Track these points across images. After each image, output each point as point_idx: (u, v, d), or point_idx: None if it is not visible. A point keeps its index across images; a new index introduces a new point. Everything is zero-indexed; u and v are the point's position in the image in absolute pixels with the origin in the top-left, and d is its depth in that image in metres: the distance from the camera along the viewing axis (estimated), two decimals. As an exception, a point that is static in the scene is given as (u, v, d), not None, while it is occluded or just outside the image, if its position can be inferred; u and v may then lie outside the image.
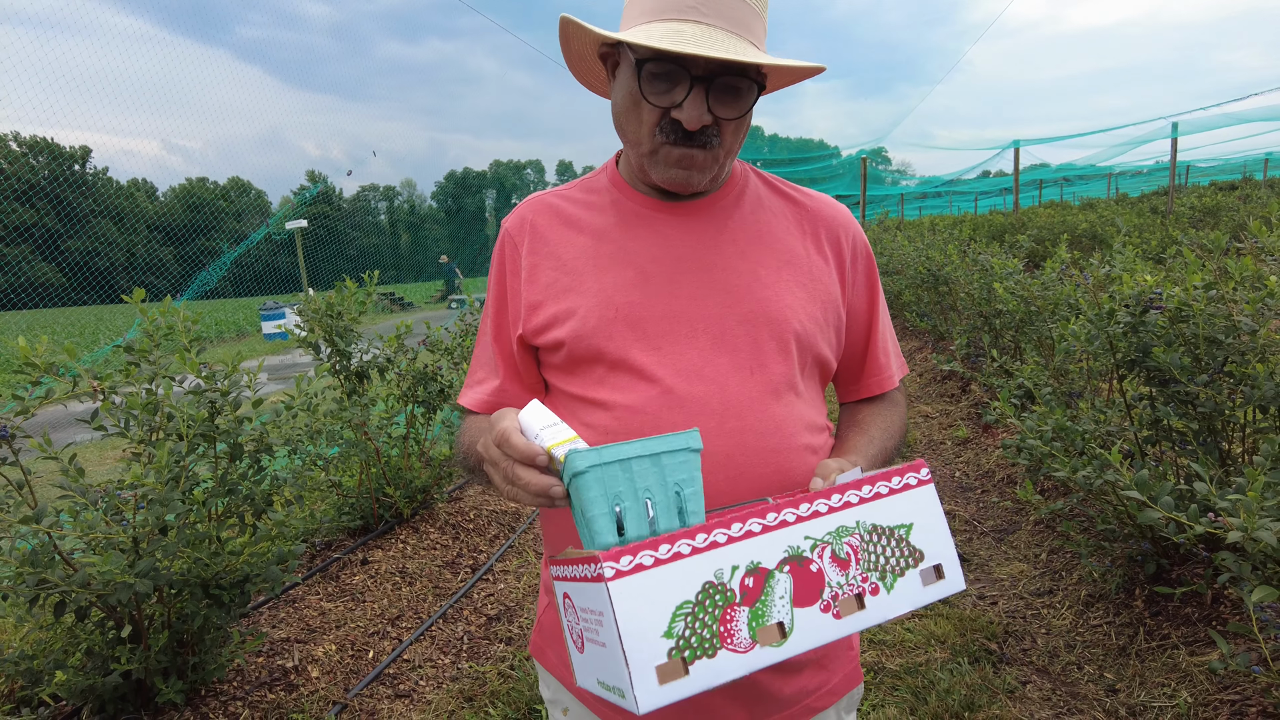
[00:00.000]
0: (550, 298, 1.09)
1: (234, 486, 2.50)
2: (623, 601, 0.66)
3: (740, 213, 1.12)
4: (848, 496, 0.77)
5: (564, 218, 1.14)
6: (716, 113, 0.99)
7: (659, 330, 1.04)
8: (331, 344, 3.60)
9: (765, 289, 1.07)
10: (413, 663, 2.98)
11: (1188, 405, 2.53)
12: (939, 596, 0.80)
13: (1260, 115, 12.63)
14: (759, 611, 0.70)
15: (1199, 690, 2.40)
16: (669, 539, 0.69)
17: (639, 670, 0.65)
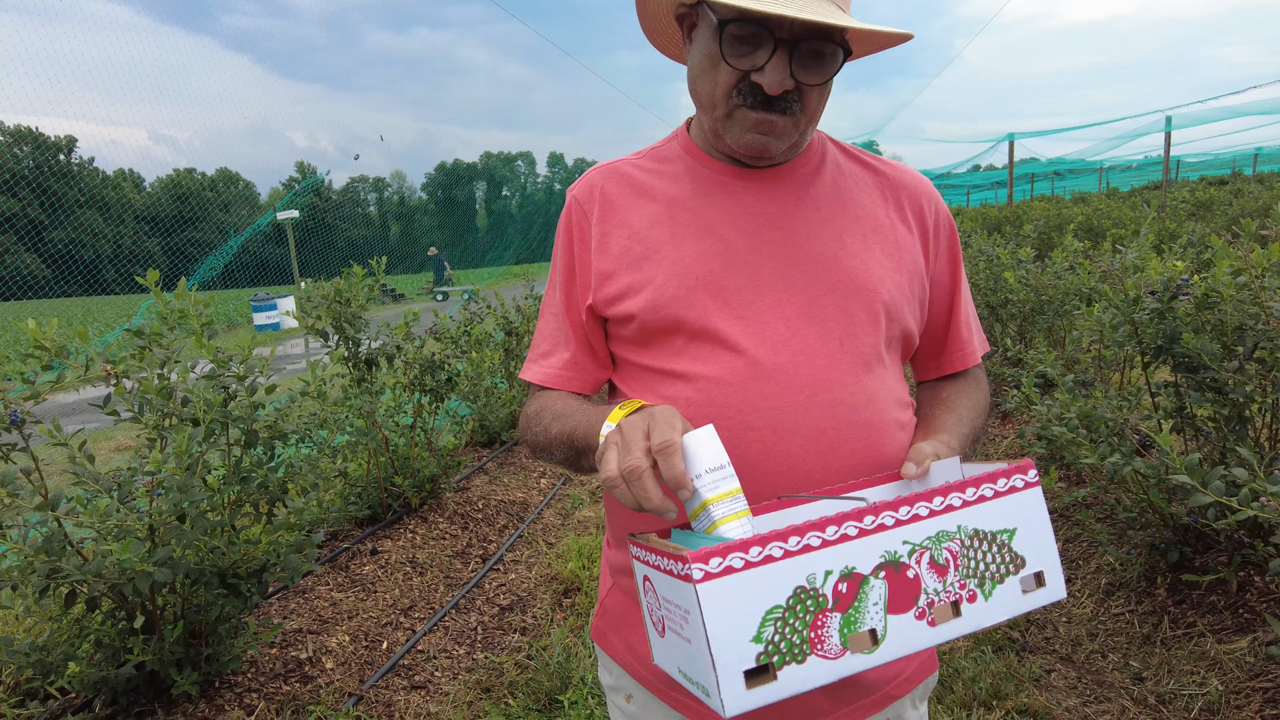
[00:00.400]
0: (623, 267, 1.04)
1: (248, 474, 2.45)
2: (711, 605, 0.64)
3: (822, 181, 1.08)
4: (950, 499, 0.73)
5: (636, 185, 1.09)
6: (800, 78, 0.94)
7: (743, 299, 0.99)
8: (340, 331, 3.54)
9: (852, 258, 1.02)
10: (427, 653, 2.94)
11: (1217, 392, 2.51)
12: (1038, 605, 0.76)
13: (1256, 109, 12.69)
14: (851, 618, 0.68)
15: (1229, 678, 2.38)
16: (760, 541, 0.66)
17: (726, 674, 0.63)
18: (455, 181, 78.77)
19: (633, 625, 1.11)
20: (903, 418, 1.04)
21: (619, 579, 1.14)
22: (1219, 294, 2.52)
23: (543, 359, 1.13)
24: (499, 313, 5.49)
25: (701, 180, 1.07)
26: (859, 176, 1.11)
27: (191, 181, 35.56)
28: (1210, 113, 12.92)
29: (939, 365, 1.19)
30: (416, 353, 4.00)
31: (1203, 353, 2.45)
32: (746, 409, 0.96)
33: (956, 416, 1.09)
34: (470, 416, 4.96)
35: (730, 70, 0.95)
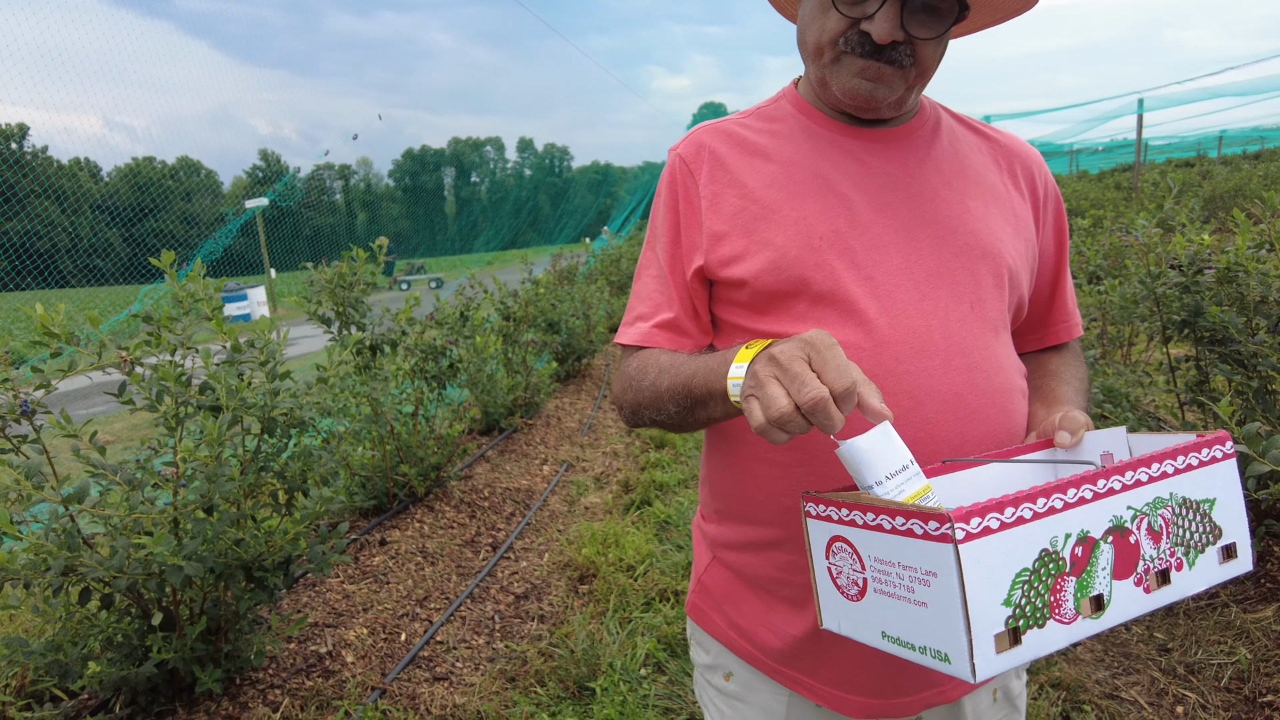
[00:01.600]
0: (738, 228, 0.99)
1: (267, 463, 2.36)
2: (972, 566, 0.62)
3: (940, 143, 1.05)
4: (1165, 466, 0.73)
5: (745, 144, 1.04)
6: (910, 30, 0.91)
7: (870, 260, 0.95)
8: (342, 316, 3.44)
9: (977, 221, 1.00)
10: (446, 644, 2.88)
11: (1241, 365, 2.52)
12: (1229, 576, 0.77)
13: (1231, 90, 12.90)
14: (1084, 582, 0.68)
15: (1257, 646, 2.41)
16: (1013, 501, 0.65)
17: (981, 638, 0.62)
18: (423, 168, 77.73)
19: (737, 601, 1.08)
20: (1024, 385, 1.03)
21: (720, 553, 1.10)
22: (1242, 267, 2.54)
23: (640, 320, 1.07)
24: (496, 298, 5.40)
25: (817, 139, 1.03)
26: (973, 142, 1.09)
27: (151, 170, 34.60)
28: (1184, 94, 13.17)
29: (1042, 336, 1.17)
30: (418, 339, 3.91)
31: (1230, 325, 2.46)
32: (879, 374, 0.92)
33: (1074, 389, 1.07)
34: (469, 402, 4.89)
35: (840, 17, 0.92)
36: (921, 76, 0.97)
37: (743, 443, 1.00)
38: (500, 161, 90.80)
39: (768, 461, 0.97)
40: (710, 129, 1.08)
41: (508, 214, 32.95)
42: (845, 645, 0.98)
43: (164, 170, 33.65)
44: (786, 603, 1.01)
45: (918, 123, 1.05)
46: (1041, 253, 1.11)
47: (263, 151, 38.50)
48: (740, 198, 1.01)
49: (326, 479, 2.49)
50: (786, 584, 1.00)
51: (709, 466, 1.10)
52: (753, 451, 0.99)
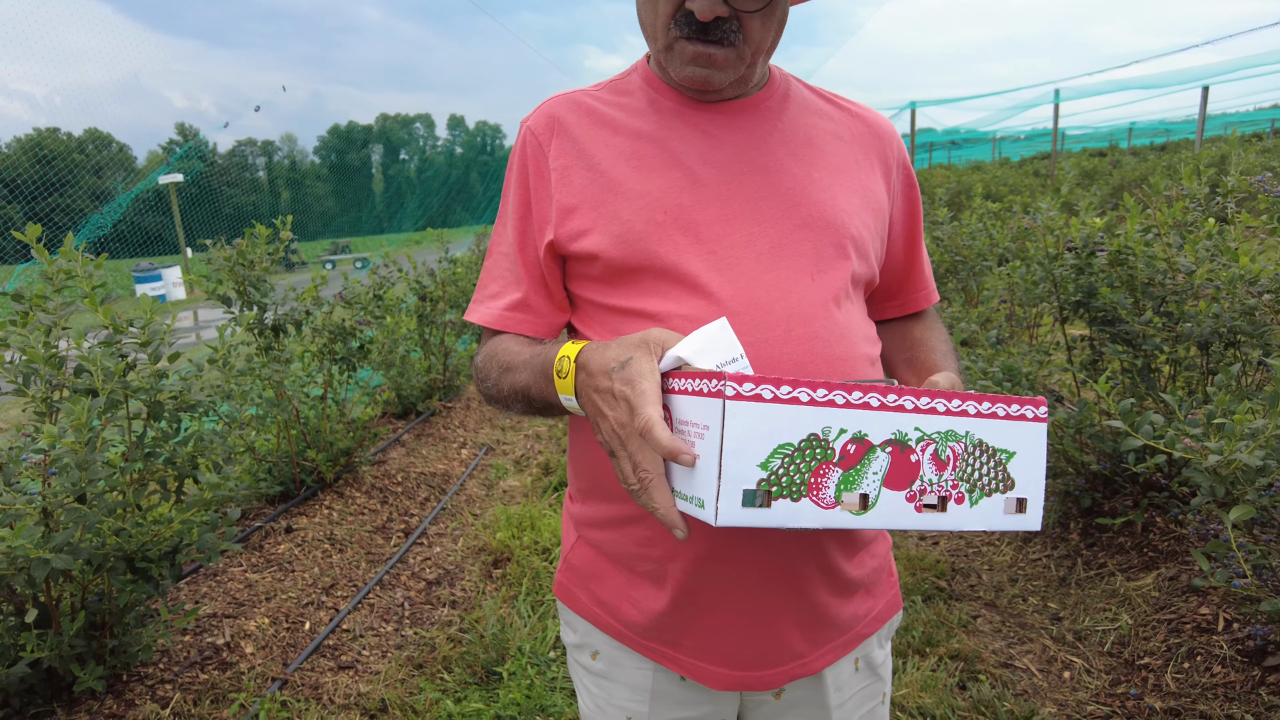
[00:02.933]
0: (586, 201, 0.98)
1: (153, 449, 2.25)
2: (734, 421, 0.68)
3: (788, 115, 1.05)
4: (966, 406, 0.77)
5: (596, 116, 1.03)
6: (735, 4, 0.90)
7: (714, 234, 0.96)
8: (244, 296, 3.31)
9: (821, 192, 1.00)
10: (353, 632, 2.81)
11: (1130, 344, 2.63)
12: (1014, 528, 0.81)
13: (1137, 83, 13.47)
14: (850, 478, 0.72)
15: (1138, 612, 2.52)
16: (792, 382, 0.70)
17: (728, 486, 0.68)
18: (349, 145, 75.43)
19: (601, 577, 1.07)
20: (873, 353, 1.04)
21: (584, 532, 1.09)
22: (1131, 250, 2.63)
23: (491, 300, 1.06)
24: (411, 277, 5.27)
25: (664, 112, 1.02)
26: (824, 112, 1.09)
27: (56, 142, 32.67)
28: (1097, 85, 13.64)
29: (902, 304, 1.18)
30: (325, 319, 3.79)
31: (1119, 306, 2.55)
32: None
33: (942, 353, 1.10)
34: (383, 385, 4.76)
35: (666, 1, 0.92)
36: (757, 52, 0.96)
37: None
38: (430, 139, 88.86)
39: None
40: (562, 100, 1.06)
41: (437, 192, 32.30)
42: (706, 618, 0.98)
43: (70, 143, 31.83)
44: (646, 578, 1.01)
45: (765, 94, 1.05)
46: (893, 222, 1.12)
47: (179, 125, 36.86)
48: (589, 171, 1.00)
49: (220, 465, 2.39)
50: (644, 559, 1.00)
51: (571, 446, 1.09)
52: None
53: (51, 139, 31.85)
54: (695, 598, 0.97)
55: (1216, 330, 2.40)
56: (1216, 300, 2.38)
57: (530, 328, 1.04)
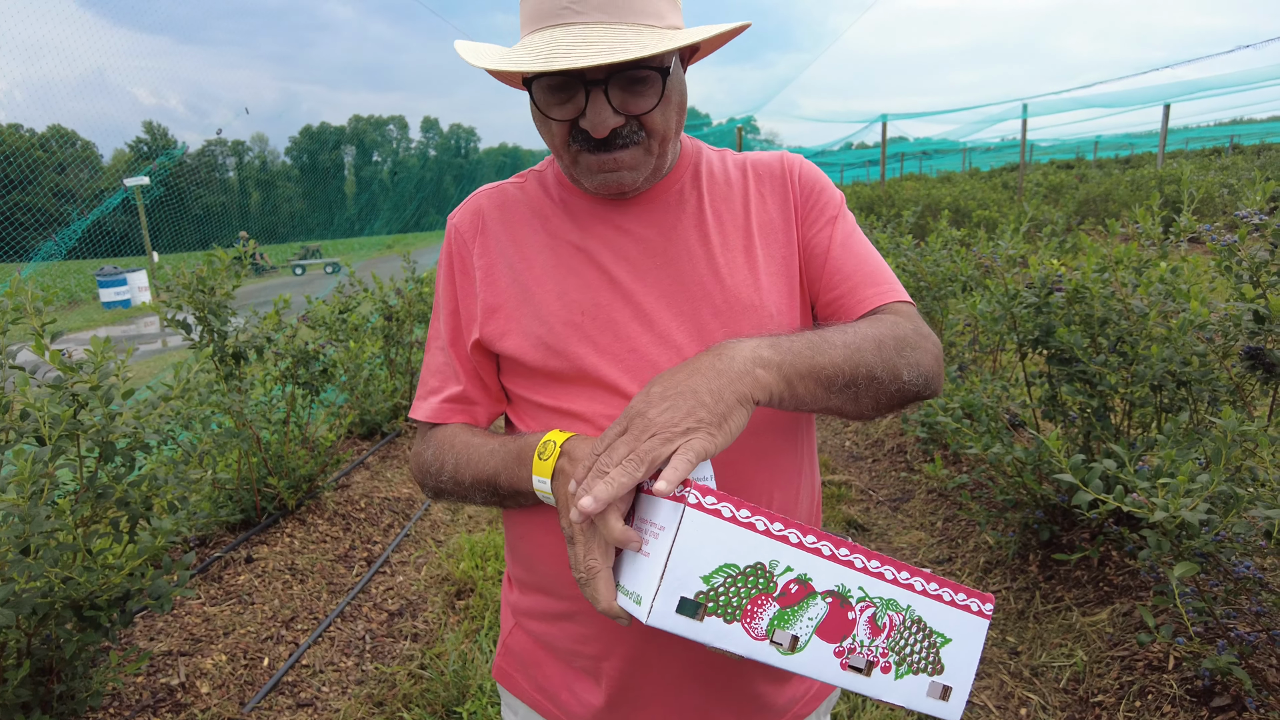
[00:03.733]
0: (508, 302, 1.00)
1: (105, 490, 2.21)
2: (689, 527, 0.70)
3: (696, 194, 1.04)
4: (914, 581, 0.79)
5: (516, 214, 1.05)
6: (626, 110, 0.90)
7: (630, 332, 0.96)
8: (204, 322, 3.26)
9: (734, 274, 0.99)
10: (313, 668, 2.77)
11: (1086, 383, 2.67)
12: (931, 713, 0.81)
13: (1101, 101, 13.76)
14: (786, 616, 0.73)
15: (1092, 648, 2.56)
16: (753, 508, 0.72)
17: (667, 588, 0.69)
18: (322, 147, 74.62)
19: (540, 665, 1.07)
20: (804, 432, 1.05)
21: (522, 621, 1.09)
22: (1088, 289, 2.68)
23: (431, 395, 1.06)
24: (377, 295, 5.22)
25: (578, 211, 1.03)
26: (731, 181, 1.07)
27: (18, 139, 31.90)
28: (1063, 102, 13.91)
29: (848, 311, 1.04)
30: (288, 342, 3.74)
31: (1074, 346, 2.59)
32: None
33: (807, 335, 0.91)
34: (346, 405, 4.71)
35: (558, 123, 0.92)
36: (664, 140, 0.95)
37: (535, 514, 1.00)
38: (404, 141, 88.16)
39: (558, 534, 0.96)
40: (488, 195, 1.07)
41: (411, 195, 32.04)
42: (643, 713, 0.99)
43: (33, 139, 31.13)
44: (582, 673, 1.01)
45: (672, 179, 1.04)
46: (813, 244, 1.04)
47: (147, 124, 36.27)
48: (510, 271, 1.01)
49: (174, 505, 2.34)
50: (580, 655, 1.00)
51: (508, 533, 1.10)
52: (543, 523, 0.99)
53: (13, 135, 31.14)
54: (630, 694, 0.97)
55: (1168, 372, 2.45)
56: (1168, 342, 2.43)
57: (470, 419, 1.05)
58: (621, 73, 0.88)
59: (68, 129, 31.16)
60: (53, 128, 30.54)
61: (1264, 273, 2.28)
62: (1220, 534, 1.78)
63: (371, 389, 4.53)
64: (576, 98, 0.89)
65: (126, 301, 16.40)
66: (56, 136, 31.41)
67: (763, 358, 0.83)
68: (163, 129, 31.80)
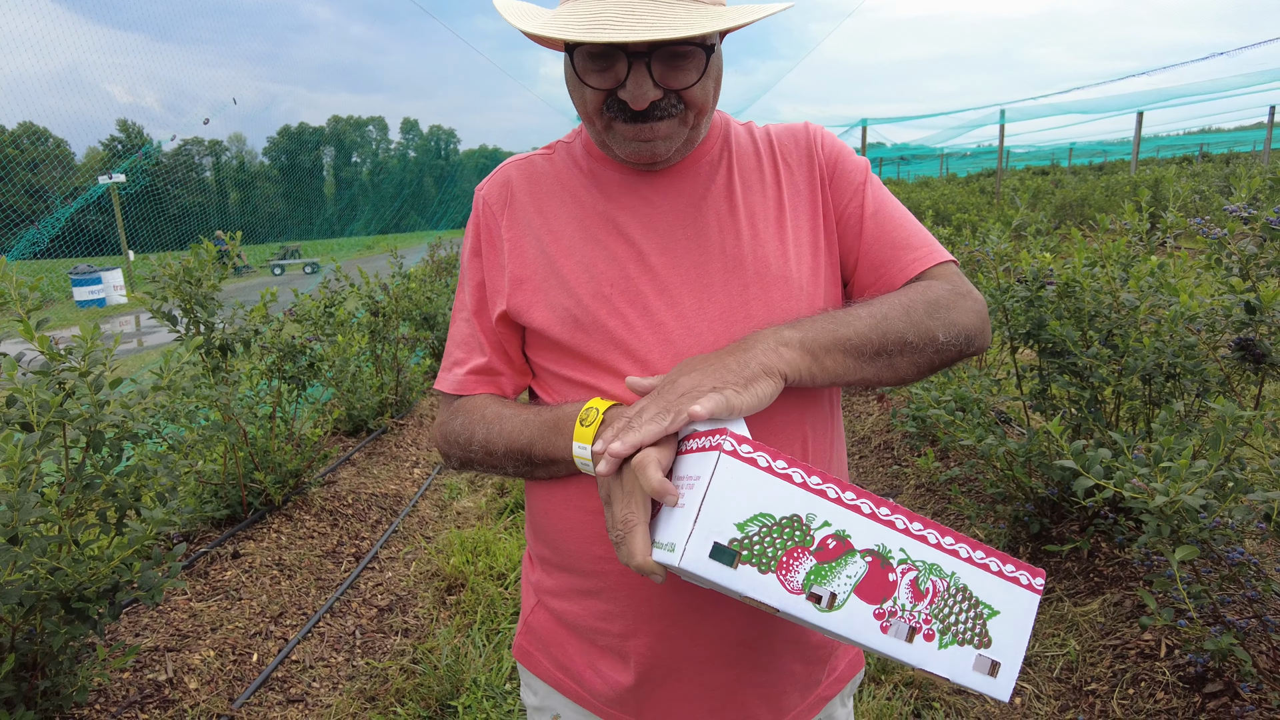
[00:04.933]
0: (536, 274, 0.99)
1: (92, 481, 2.16)
2: (722, 474, 0.69)
3: (726, 168, 1.03)
4: (959, 547, 0.76)
5: (545, 186, 1.04)
6: (666, 84, 0.90)
7: (660, 304, 0.95)
8: (190, 314, 3.21)
9: (765, 246, 0.98)
10: (302, 663, 2.74)
11: (1077, 376, 2.69)
12: (978, 688, 0.77)
13: (1077, 108, 13.97)
14: (823, 571, 0.71)
15: (1085, 638, 2.58)
16: (791, 461, 0.71)
17: (700, 533, 0.69)
18: (301, 147, 73.94)
19: (562, 644, 1.06)
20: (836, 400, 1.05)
21: (545, 599, 1.08)
22: (1079, 283, 2.70)
23: (456, 366, 1.06)
24: (363, 291, 5.17)
25: (607, 182, 1.02)
26: (760, 153, 1.06)
27: (-11, 137, 31.37)
28: (1039, 108, 14.11)
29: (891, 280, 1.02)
30: (275, 336, 3.70)
31: (1066, 339, 2.62)
32: None
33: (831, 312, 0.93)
34: (332, 400, 4.65)
35: (594, 90, 0.91)
36: (700, 113, 0.95)
37: (558, 489, 0.98)
38: (383, 142, 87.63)
39: (582, 509, 0.96)
40: (517, 166, 1.07)
41: (390, 197, 31.86)
42: (669, 689, 0.98)
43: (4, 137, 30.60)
44: (607, 651, 1.00)
45: (702, 151, 1.03)
46: (846, 213, 1.03)
47: (121, 122, 35.73)
48: (537, 243, 1.00)
49: (164, 496, 2.30)
50: (604, 633, 0.99)
51: (530, 510, 1.08)
52: (566, 498, 0.98)
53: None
54: (658, 672, 0.96)
55: (1158, 364, 2.48)
56: (1158, 335, 2.46)
57: (496, 389, 1.05)
58: (665, 47, 0.87)
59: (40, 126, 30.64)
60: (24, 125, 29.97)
61: (1254, 265, 2.31)
62: (1216, 520, 1.80)
63: (358, 385, 4.49)
64: (617, 68, 0.89)
65: (102, 300, 16.16)
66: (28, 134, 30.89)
67: (784, 336, 0.85)
68: (138, 127, 31.34)
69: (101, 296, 16.20)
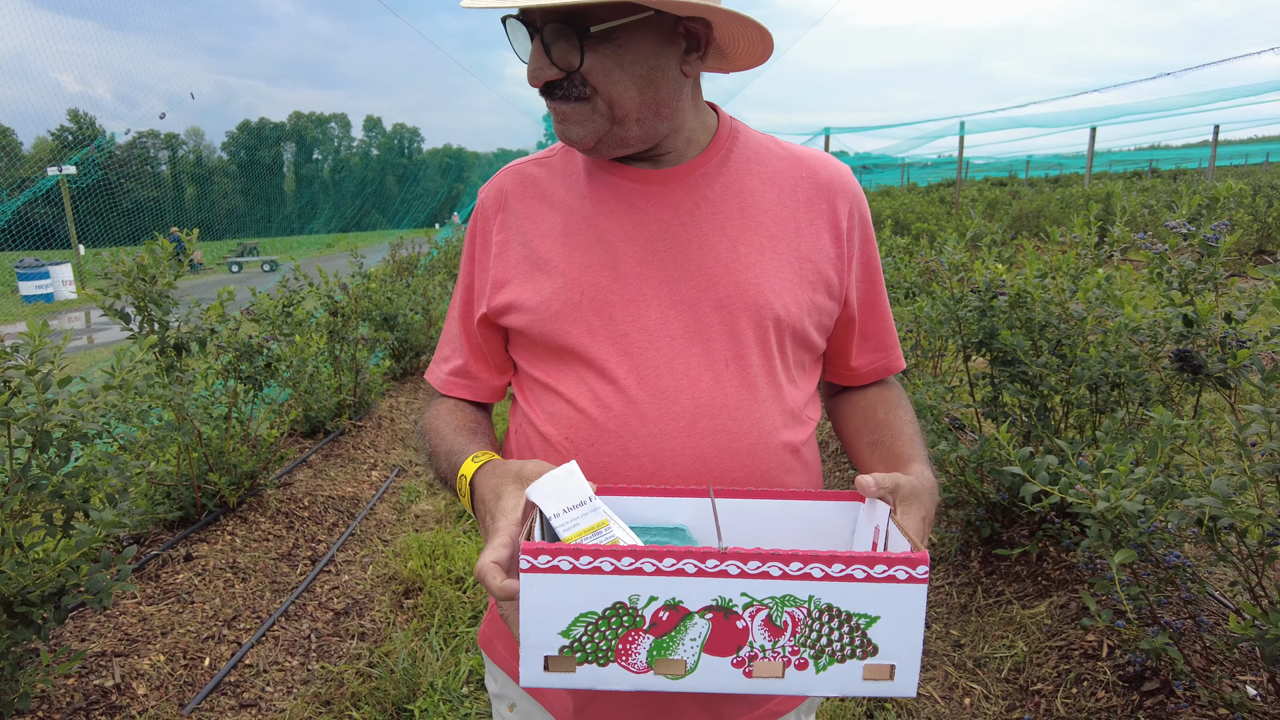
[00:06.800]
0: (516, 277, 1.01)
1: (38, 481, 2.11)
2: (529, 594, 0.69)
3: (723, 181, 1.01)
4: (811, 569, 0.71)
5: (538, 190, 1.05)
6: (561, 63, 0.89)
7: (627, 315, 0.96)
8: (144, 312, 3.15)
9: (746, 269, 0.97)
10: (256, 667, 2.70)
11: (1027, 384, 2.77)
12: (879, 694, 0.76)
13: (1033, 121, 14.34)
14: (664, 644, 0.71)
15: (1031, 639, 2.65)
16: (594, 551, 0.69)
17: (527, 654, 0.70)
18: (261, 143, 72.67)
19: None
20: (795, 438, 1.01)
21: None
22: (1029, 294, 2.78)
23: (443, 363, 1.13)
24: (322, 290, 5.11)
25: (598, 185, 1.02)
26: (768, 173, 1.04)
27: (-69, 125, 30.33)
28: (997, 121, 14.46)
29: (861, 373, 1.12)
30: (231, 335, 3.64)
31: (1016, 348, 2.69)
32: (626, 435, 0.95)
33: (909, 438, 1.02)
34: (289, 401, 4.58)
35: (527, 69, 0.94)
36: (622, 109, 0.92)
37: None
38: (345, 139, 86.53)
39: None
40: (514, 170, 1.08)
41: (351, 194, 31.46)
42: (605, 695, 0.98)
43: (-55, 125, 29.66)
44: None
45: (703, 159, 1.02)
46: (848, 286, 1.06)
47: (72, 112, 34.75)
48: (522, 246, 1.02)
49: (114, 497, 2.26)
50: None
51: None
52: None
53: (-76, 120, 29.60)
54: None
55: (1104, 373, 2.56)
56: (1104, 345, 2.54)
57: (471, 393, 1.10)
58: (552, 24, 0.87)
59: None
60: (-33, 112, 29.00)
61: (1191, 280, 2.40)
62: (1154, 525, 1.87)
63: (316, 386, 4.43)
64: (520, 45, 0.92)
65: (49, 295, 15.71)
66: (-29, 121, 29.80)
67: None
68: (90, 118, 30.53)
69: (49, 291, 15.75)
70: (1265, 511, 1.54)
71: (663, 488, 0.91)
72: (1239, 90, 12.68)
